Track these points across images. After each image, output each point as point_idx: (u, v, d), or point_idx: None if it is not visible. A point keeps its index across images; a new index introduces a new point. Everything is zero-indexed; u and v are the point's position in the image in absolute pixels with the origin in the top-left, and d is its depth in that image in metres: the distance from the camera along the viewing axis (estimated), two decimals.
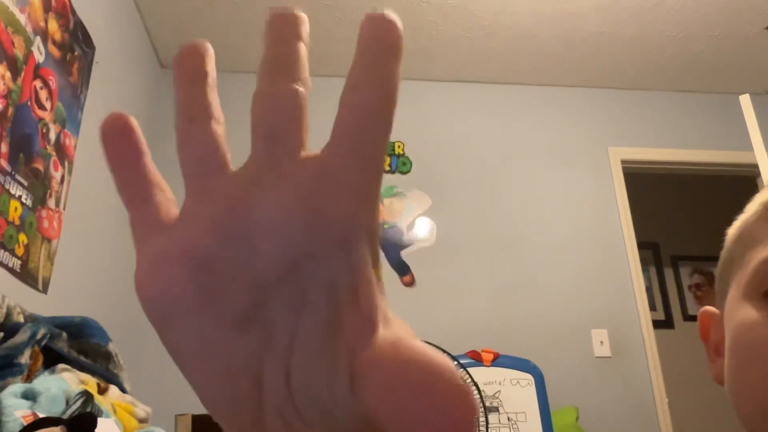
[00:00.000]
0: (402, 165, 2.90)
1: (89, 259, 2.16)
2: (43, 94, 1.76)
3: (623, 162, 3.05)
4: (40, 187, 1.73)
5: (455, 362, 2.20)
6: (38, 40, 1.73)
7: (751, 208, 0.49)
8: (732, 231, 0.50)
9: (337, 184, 0.18)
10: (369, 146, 0.19)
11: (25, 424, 0.93)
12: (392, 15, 0.20)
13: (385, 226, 2.78)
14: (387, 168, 2.89)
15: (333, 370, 0.17)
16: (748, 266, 0.45)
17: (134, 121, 0.21)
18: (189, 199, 0.19)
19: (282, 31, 0.23)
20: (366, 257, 0.18)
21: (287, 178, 0.18)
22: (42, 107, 1.75)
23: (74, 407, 1.04)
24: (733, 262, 0.48)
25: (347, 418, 0.17)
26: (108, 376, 1.29)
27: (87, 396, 1.08)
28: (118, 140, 0.21)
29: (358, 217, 0.18)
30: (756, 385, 0.41)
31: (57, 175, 1.85)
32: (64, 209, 1.89)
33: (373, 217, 0.19)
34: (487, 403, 2.30)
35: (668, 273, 4.33)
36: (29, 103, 1.68)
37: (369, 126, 0.19)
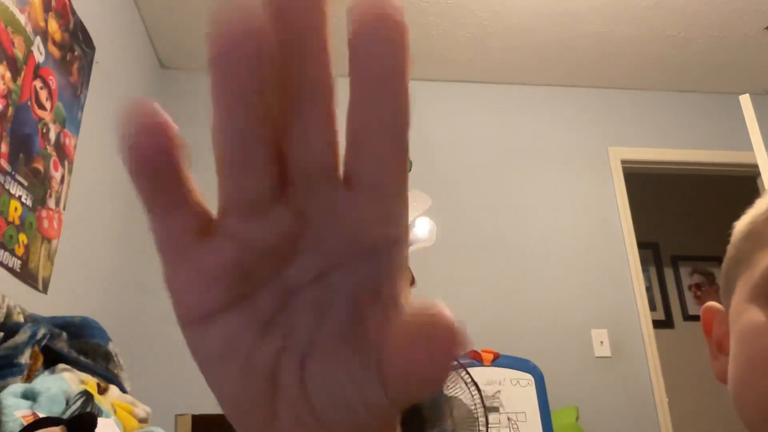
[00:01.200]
0: None
1: (89, 259, 2.16)
2: (43, 94, 1.76)
3: (623, 162, 3.05)
4: (40, 187, 1.73)
5: (455, 362, 2.20)
6: (38, 40, 1.73)
7: (762, 204, 0.48)
8: (740, 226, 0.49)
9: (366, 211, 0.18)
10: (388, 175, 0.18)
11: (25, 424, 0.93)
12: None
13: None
14: None
15: (358, 365, 0.18)
16: (756, 267, 0.44)
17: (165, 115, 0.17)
18: (227, 215, 0.19)
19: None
20: (393, 265, 0.19)
21: (324, 207, 0.18)
22: (42, 107, 1.75)
23: (74, 407, 1.04)
24: (741, 260, 0.47)
25: (372, 409, 0.19)
26: (108, 376, 1.29)
27: (87, 396, 1.08)
28: (153, 137, 0.17)
29: (388, 234, 0.19)
30: (762, 392, 0.41)
31: (57, 175, 1.85)
32: (64, 209, 1.89)
33: (402, 229, 0.19)
34: (487, 403, 2.30)
35: (668, 273, 4.33)
36: (29, 103, 1.68)
37: (384, 155, 0.18)
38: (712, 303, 0.51)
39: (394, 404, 0.18)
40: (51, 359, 1.21)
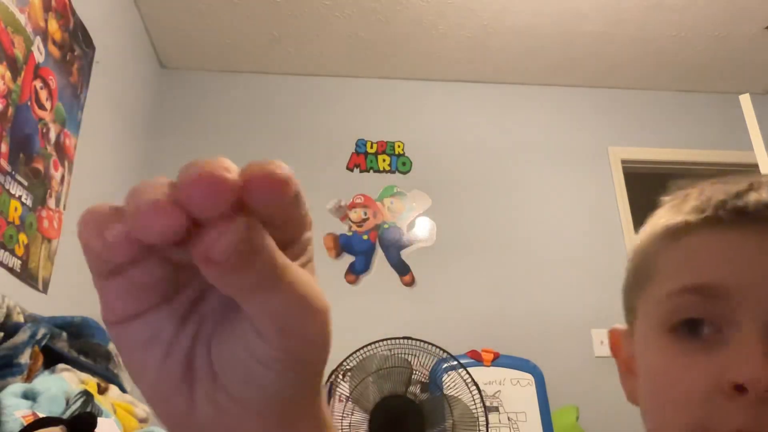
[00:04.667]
0: (402, 165, 2.90)
1: None
2: (43, 94, 1.76)
3: (623, 162, 3.05)
4: (40, 187, 1.73)
5: (455, 362, 2.20)
6: (38, 40, 1.73)
7: (654, 227, 0.47)
8: (636, 247, 0.48)
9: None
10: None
11: (25, 424, 0.93)
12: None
13: (385, 226, 2.78)
14: (387, 168, 2.89)
15: (245, 335, 0.22)
16: (652, 297, 0.44)
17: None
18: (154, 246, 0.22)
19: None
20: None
21: None
22: (42, 107, 1.75)
23: (74, 407, 1.04)
24: (637, 285, 0.47)
25: (268, 365, 0.21)
26: (108, 376, 1.29)
27: (87, 396, 1.08)
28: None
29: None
30: (670, 425, 0.42)
31: (57, 175, 1.85)
32: (64, 209, 1.89)
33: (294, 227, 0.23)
34: (487, 403, 2.30)
35: None
36: (29, 103, 1.68)
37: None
38: (617, 326, 0.52)
39: (281, 353, 0.21)
40: (51, 359, 1.21)
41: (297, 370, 0.22)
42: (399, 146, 2.93)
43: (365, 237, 2.73)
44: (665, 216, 0.46)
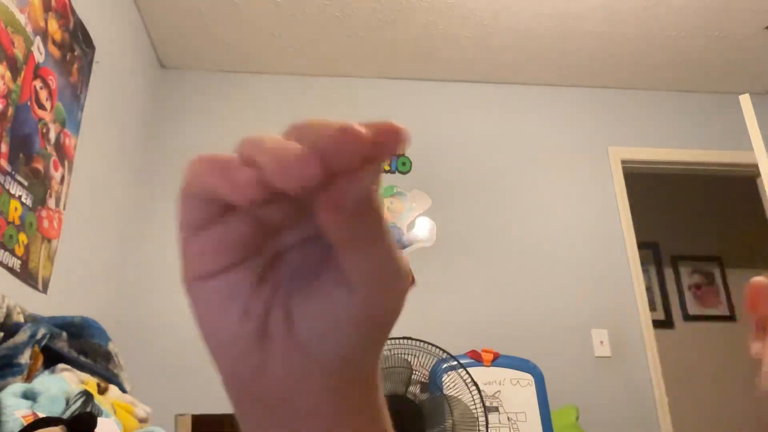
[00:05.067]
0: (402, 165, 2.90)
1: (89, 259, 2.16)
2: (43, 94, 1.76)
3: (623, 162, 3.05)
4: (40, 187, 1.73)
5: (455, 362, 2.20)
6: (38, 40, 1.73)
7: None
8: None
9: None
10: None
11: (25, 424, 0.93)
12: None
13: None
14: (387, 168, 2.89)
15: (333, 292, 0.23)
16: None
17: None
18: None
19: None
20: (369, 216, 0.23)
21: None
22: (42, 107, 1.75)
23: (74, 407, 1.04)
24: None
25: (349, 327, 0.23)
26: (108, 376, 1.29)
27: (87, 396, 1.08)
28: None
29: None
30: None
31: (57, 175, 1.85)
32: (64, 209, 1.89)
33: (372, 203, 0.23)
34: (487, 403, 2.30)
35: (668, 273, 4.33)
36: (29, 103, 1.68)
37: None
38: (761, 279, 0.44)
39: (367, 307, 0.22)
40: (51, 359, 1.21)
41: (374, 331, 0.23)
42: None
43: None
44: None
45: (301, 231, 0.24)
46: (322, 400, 0.24)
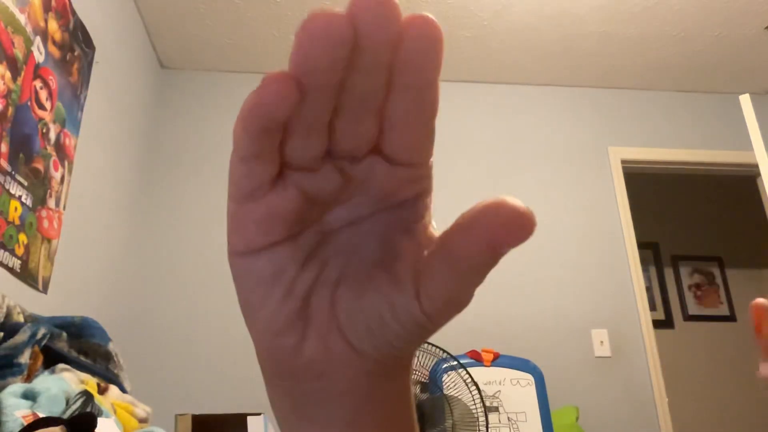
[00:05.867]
0: None
1: (89, 259, 2.16)
2: (43, 94, 1.76)
3: (623, 162, 3.05)
4: (40, 187, 1.73)
5: (455, 362, 2.20)
6: (38, 40, 1.73)
7: None
8: None
9: (399, 179, 0.23)
10: (420, 155, 0.22)
11: (25, 424, 0.93)
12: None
13: None
14: None
15: (389, 284, 0.22)
16: None
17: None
18: (290, 168, 0.22)
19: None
20: (418, 210, 0.23)
21: (365, 173, 0.23)
22: (42, 107, 1.75)
23: (74, 407, 1.04)
24: None
25: (404, 327, 0.22)
26: (108, 376, 1.29)
27: (87, 396, 1.08)
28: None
29: (415, 190, 0.23)
30: None
31: (57, 175, 1.85)
32: (64, 209, 1.89)
33: (427, 183, 0.23)
34: (487, 403, 2.30)
35: (668, 273, 4.33)
36: (29, 103, 1.68)
37: (418, 140, 0.22)
38: (762, 300, 0.45)
39: (429, 317, 0.21)
40: (51, 359, 1.21)
41: (424, 333, 0.23)
42: None
43: None
44: None
45: (352, 209, 0.23)
46: (356, 383, 0.23)
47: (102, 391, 1.23)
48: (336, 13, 0.18)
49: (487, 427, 2.09)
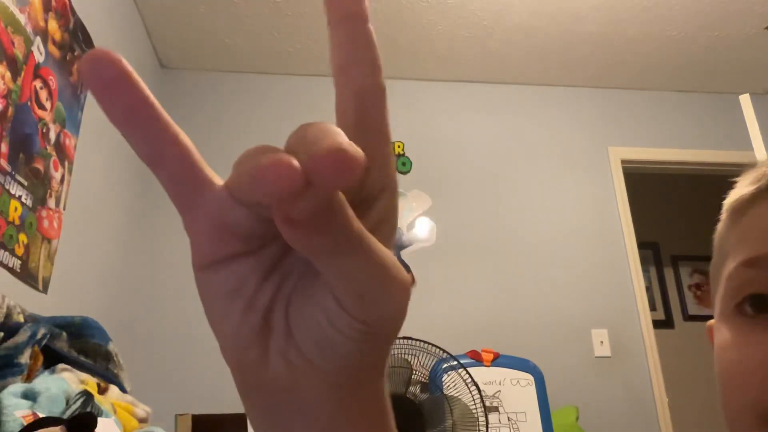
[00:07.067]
0: (402, 165, 2.90)
1: (89, 259, 2.16)
2: (43, 94, 1.76)
3: (623, 162, 3.05)
4: (40, 187, 1.73)
5: (455, 362, 2.20)
6: (38, 40, 1.73)
7: (725, 207, 0.47)
8: (716, 234, 0.48)
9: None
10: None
11: (25, 424, 0.93)
12: None
13: None
14: None
15: (326, 298, 0.22)
16: (723, 276, 0.43)
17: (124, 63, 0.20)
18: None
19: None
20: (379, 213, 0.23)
21: None
22: (42, 107, 1.75)
23: (74, 407, 1.04)
24: (716, 272, 0.47)
25: (343, 337, 0.22)
26: (108, 376, 1.29)
27: (87, 396, 1.08)
28: (115, 88, 0.20)
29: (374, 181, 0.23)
30: (733, 408, 0.41)
31: (57, 175, 1.85)
32: (64, 209, 1.89)
33: (387, 179, 0.24)
34: (487, 403, 2.30)
35: (668, 273, 4.33)
36: (29, 103, 1.68)
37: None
38: (711, 322, 0.51)
39: (360, 320, 0.21)
40: (51, 359, 1.21)
41: (371, 340, 0.22)
42: (399, 146, 2.93)
43: None
44: (731, 194, 0.46)
45: None
46: (324, 395, 0.23)
47: (102, 391, 1.23)
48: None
49: (487, 427, 2.09)
